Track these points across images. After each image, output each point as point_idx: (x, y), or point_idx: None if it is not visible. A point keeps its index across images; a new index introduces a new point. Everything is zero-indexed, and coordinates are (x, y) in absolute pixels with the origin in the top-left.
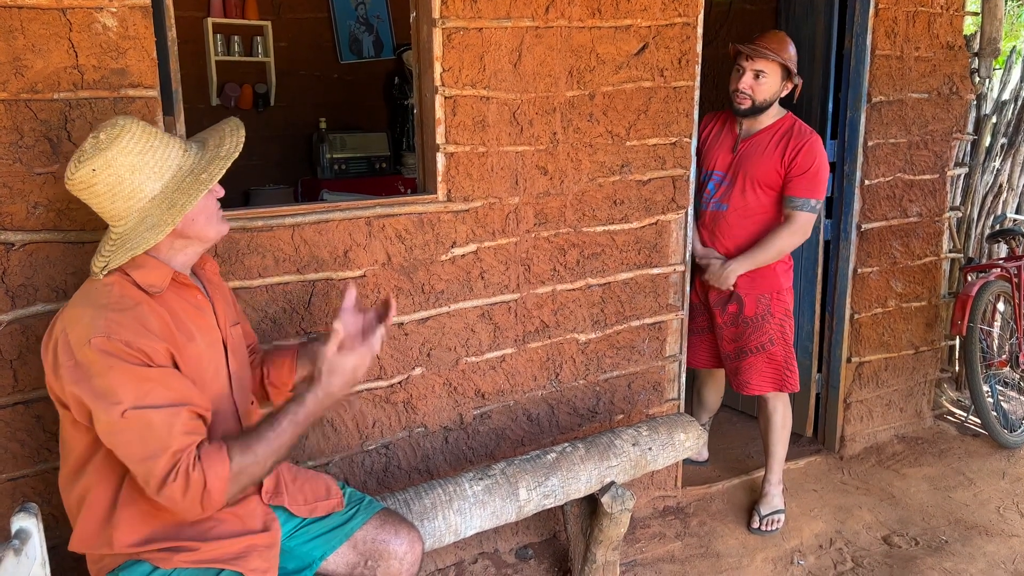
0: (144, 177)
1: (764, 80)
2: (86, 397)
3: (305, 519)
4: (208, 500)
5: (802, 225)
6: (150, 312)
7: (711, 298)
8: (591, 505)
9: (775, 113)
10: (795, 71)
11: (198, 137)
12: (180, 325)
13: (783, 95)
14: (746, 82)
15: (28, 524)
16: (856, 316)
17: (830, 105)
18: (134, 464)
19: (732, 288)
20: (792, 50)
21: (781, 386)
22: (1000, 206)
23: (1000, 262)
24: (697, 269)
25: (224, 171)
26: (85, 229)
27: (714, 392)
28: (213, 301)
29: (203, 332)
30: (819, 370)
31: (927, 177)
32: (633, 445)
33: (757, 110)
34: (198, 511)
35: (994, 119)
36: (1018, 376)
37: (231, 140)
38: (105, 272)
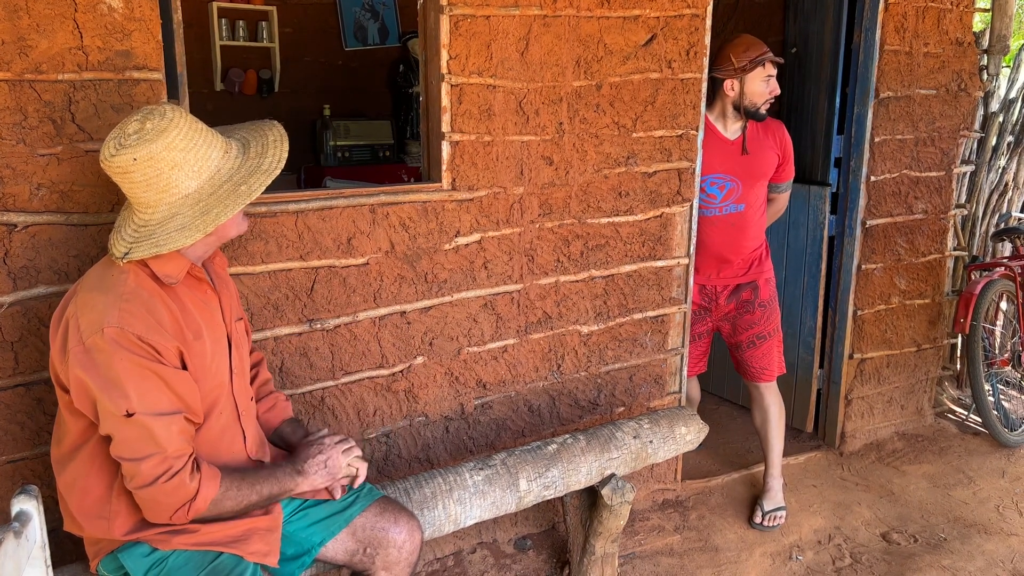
0: (183, 175)
1: None
2: (93, 384)
3: (306, 501)
4: (189, 508)
5: (787, 201)
6: (163, 306)
7: (722, 295)
8: (591, 497)
9: None
10: None
11: (236, 133)
12: (189, 320)
13: None
14: (777, 87)
15: (28, 506)
16: (859, 312)
17: (837, 100)
18: (123, 460)
19: (743, 279)
20: None
21: (782, 366)
22: (1005, 204)
23: (1004, 261)
24: (697, 271)
25: (265, 187)
26: (88, 212)
27: (694, 386)
28: (220, 296)
29: (210, 328)
30: (821, 366)
31: (933, 174)
32: (634, 438)
33: None
34: (169, 515)
35: (1001, 117)
36: (1020, 375)
37: (274, 153)
38: (126, 260)
